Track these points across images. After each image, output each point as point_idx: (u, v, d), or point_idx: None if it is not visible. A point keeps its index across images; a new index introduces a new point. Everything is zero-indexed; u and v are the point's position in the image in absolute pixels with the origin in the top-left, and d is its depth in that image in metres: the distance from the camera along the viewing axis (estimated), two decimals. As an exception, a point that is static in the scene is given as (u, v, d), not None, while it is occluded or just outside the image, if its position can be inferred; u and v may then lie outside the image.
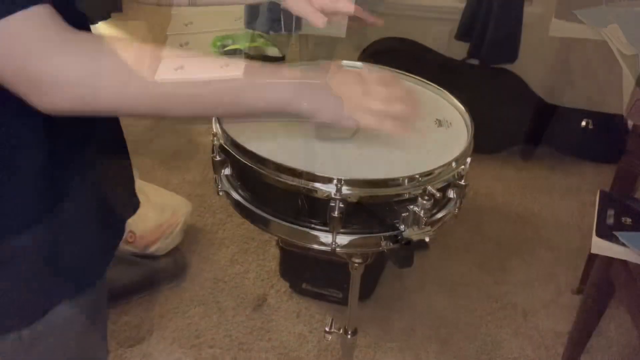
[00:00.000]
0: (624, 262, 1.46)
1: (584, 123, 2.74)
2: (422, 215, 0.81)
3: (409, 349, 1.84)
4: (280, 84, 0.74)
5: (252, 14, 2.74)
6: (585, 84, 2.90)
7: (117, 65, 0.63)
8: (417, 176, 0.81)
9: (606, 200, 1.60)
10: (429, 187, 0.81)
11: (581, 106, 2.86)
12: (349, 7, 0.99)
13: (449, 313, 1.98)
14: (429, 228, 0.84)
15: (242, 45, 2.57)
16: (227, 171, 0.92)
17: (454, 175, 0.86)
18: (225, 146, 0.88)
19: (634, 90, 1.73)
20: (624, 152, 1.82)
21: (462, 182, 0.89)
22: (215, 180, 0.94)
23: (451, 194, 0.90)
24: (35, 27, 0.58)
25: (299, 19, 2.87)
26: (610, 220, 1.52)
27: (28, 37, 0.58)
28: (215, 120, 0.91)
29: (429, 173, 0.82)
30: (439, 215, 0.90)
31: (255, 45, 2.56)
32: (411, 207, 0.81)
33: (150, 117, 0.66)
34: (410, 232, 0.83)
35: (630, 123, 1.79)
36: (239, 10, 2.74)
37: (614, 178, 1.89)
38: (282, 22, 2.78)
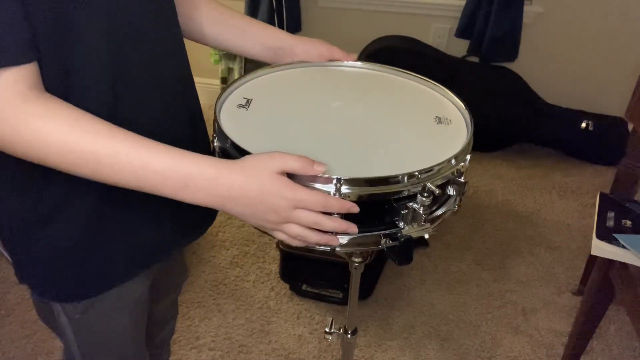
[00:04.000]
0: (624, 265, 1.46)
1: (584, 124, 2.75)
2: (421, 212, 0.80)
3: (408, 347, 1.84)
4: (201, 195, 0.72)
5: (252, 14, 2.75)
6: (586, 86, 2.91)
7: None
8: (416, 173, 0.81)
9: (606, 203, 1.60)
10: (429, 184, 0.81)
11: (581, 107, 2.87)
12: (343, 58, 1.10)
13: (449, 311, 1.98)
14: (428, 225, 0.83)
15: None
16: None
17: (453, 172, 0.86)
18: (225, 148, 0.87)
19: (634, 93, 1.73)
20: (623, 154, 1.82)
21: (462, 179, 0.88)
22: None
23: (451, 191, 0.89)
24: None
25: (299, 20, 2.87)
26: (611, 223, 1.52)
27: None
28: (214, 121, 0.91)
29: (429, 170, 0.82)
30: (439, 212, 0.90)
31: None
32: (410, 204, 0.81)
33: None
34: (410, 230, 0.83)
35: (630, 125, 1.79)
36: (240, 10, 2.75)
37: (614, 180, 1.89)
38: (285, 23, 2.78)
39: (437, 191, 0.81)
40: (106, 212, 0.82)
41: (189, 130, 0.94)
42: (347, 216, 0.81)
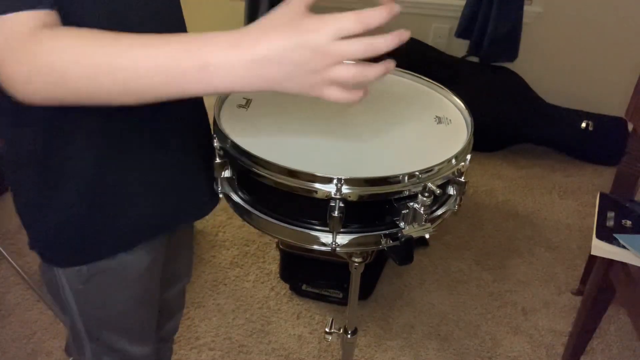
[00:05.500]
0: (624, 265, 1.46)
1: (584, 124, 2.74)
2: (422, 212, 0.81)
3: (408, 347, 1.84)
4: (234, 65, 0.62)
5: (252, 13, 2.74)
6: (586, 86, 2.91)
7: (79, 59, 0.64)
8: (417, 173, 0.81)
9: (606, 203, 1.60)
10: (429, 184, 0.81)
11: (581, 107, 2.87)
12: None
13: (449, 310, 1.98)
14: (428, 225, 0.83)
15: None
16: (227, 173, 0.91)
17: (453, 172, 0.86)
18: (225, 148, 0.87)
19: (634, 93, 1.73)
20: (623, 154, 1.81)
21: (462, 179, 0.88)
22: (215, 182, 0.94)
23: (451, 190, 0.90)
24: (12, 33, 0.63)
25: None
26: (611, 223, 1.52)
27: (5, 40, 0.63)
28: (214, 122, 0.91)
29: (429, 170, 0.82)
30: (439, 212, 0.90)
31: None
32: (411, 204, 0.81)
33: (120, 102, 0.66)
34: (410, 229, 0.83)
35: (630, 125, 1.79)
36: (240, 11, 2.75)
37: (614, 180, 1.89)
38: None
39: (438, 191, 0.81)
40: (107, 180, 0.83)
41: (191, 133, 0.95)
42: (348, 215, 0.81)
